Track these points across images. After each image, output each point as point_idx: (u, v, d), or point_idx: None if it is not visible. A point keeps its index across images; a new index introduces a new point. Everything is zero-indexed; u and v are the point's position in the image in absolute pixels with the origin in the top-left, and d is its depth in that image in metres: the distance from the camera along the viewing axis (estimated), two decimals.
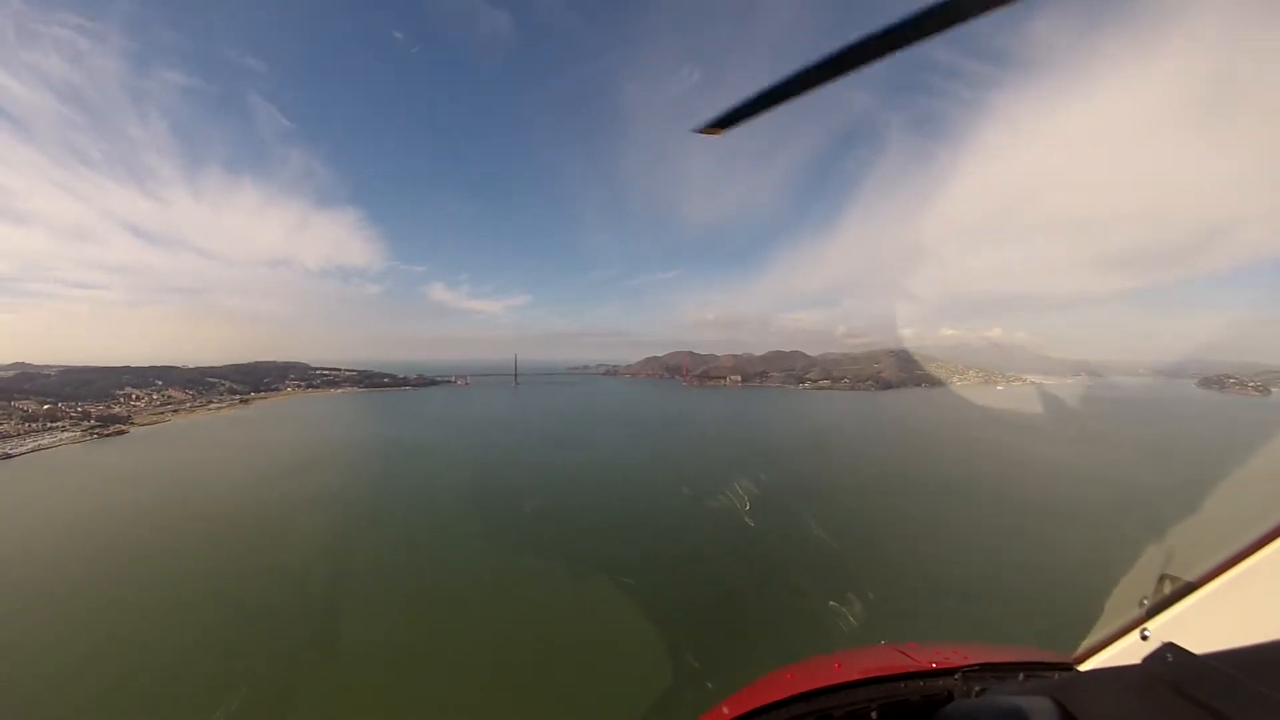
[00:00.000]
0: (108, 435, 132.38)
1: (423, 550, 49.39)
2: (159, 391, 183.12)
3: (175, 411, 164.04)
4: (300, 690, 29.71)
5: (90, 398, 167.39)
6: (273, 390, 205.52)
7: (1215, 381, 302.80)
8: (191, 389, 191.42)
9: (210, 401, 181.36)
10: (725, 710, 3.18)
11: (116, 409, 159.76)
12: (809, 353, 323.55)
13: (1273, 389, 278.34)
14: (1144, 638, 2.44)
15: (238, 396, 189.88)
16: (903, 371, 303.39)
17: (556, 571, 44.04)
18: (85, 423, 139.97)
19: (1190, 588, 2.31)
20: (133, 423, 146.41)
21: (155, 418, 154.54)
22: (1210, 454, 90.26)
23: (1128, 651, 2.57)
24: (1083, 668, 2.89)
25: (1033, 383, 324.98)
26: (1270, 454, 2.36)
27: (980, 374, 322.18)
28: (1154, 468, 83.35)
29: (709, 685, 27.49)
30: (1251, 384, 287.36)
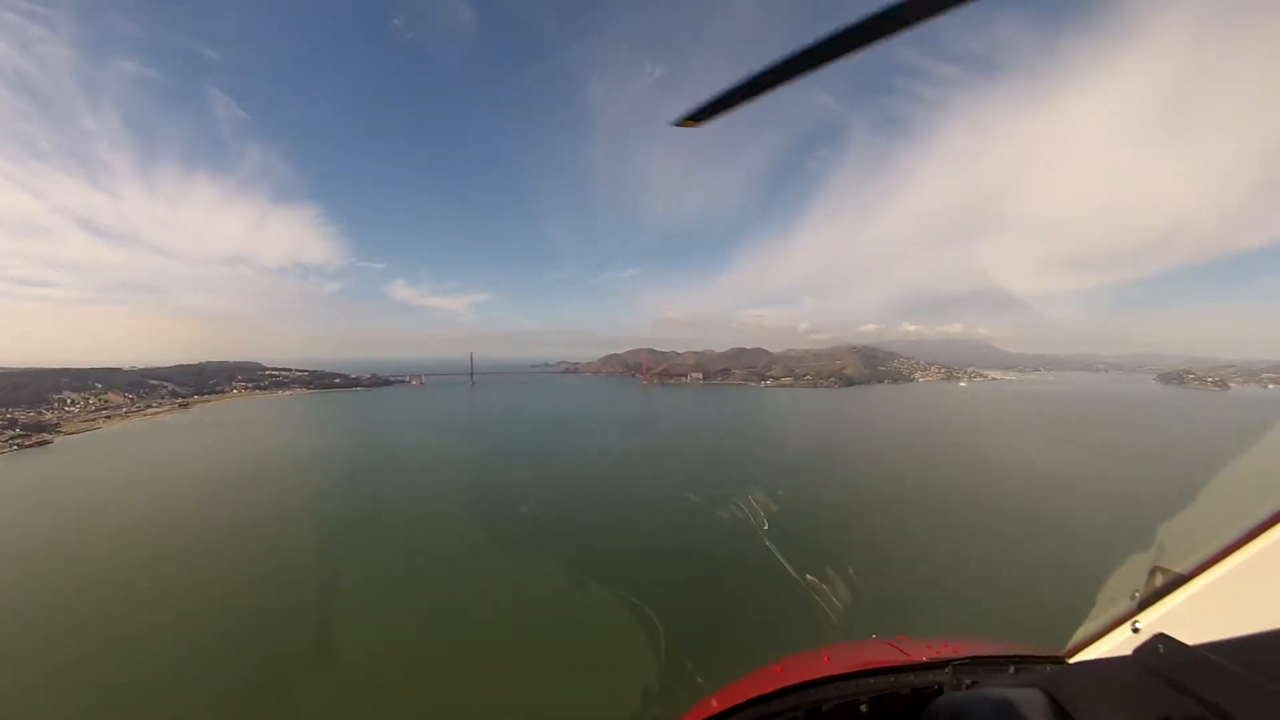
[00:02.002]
0: (29, 446, 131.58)
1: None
2: (97, 395, 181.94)
3: (108, 418, 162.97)
4: None
5: (24, 403, 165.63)
6: (217, 393, 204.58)
7: (1174, 376, 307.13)
8: (132, 392, 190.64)
9: (149, 406, 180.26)
10: (714, 703, 3.19)
11: (48, 416, 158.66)
12: (771, 349, 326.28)
13: (1231, 384, 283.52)
14: (1135, 630, 2.44)
15: (178, 400, 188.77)
16: (866, 368, 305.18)
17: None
18: (9, 431, 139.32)
19: (1182, 580, 2.30)
20: (60, 431, 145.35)
21: (85, 425, 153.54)
22: (1188, 454, 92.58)
23: (1119, 644, 2.56)
24: (1074, 661, 2.88)
25: (994, 378, 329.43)
26: (1261, 448, 2.35)
27: (942, 370, 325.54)
28: (1134, 470, 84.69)
29: (699, 680, 27.99)
30: (1210, 379, 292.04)
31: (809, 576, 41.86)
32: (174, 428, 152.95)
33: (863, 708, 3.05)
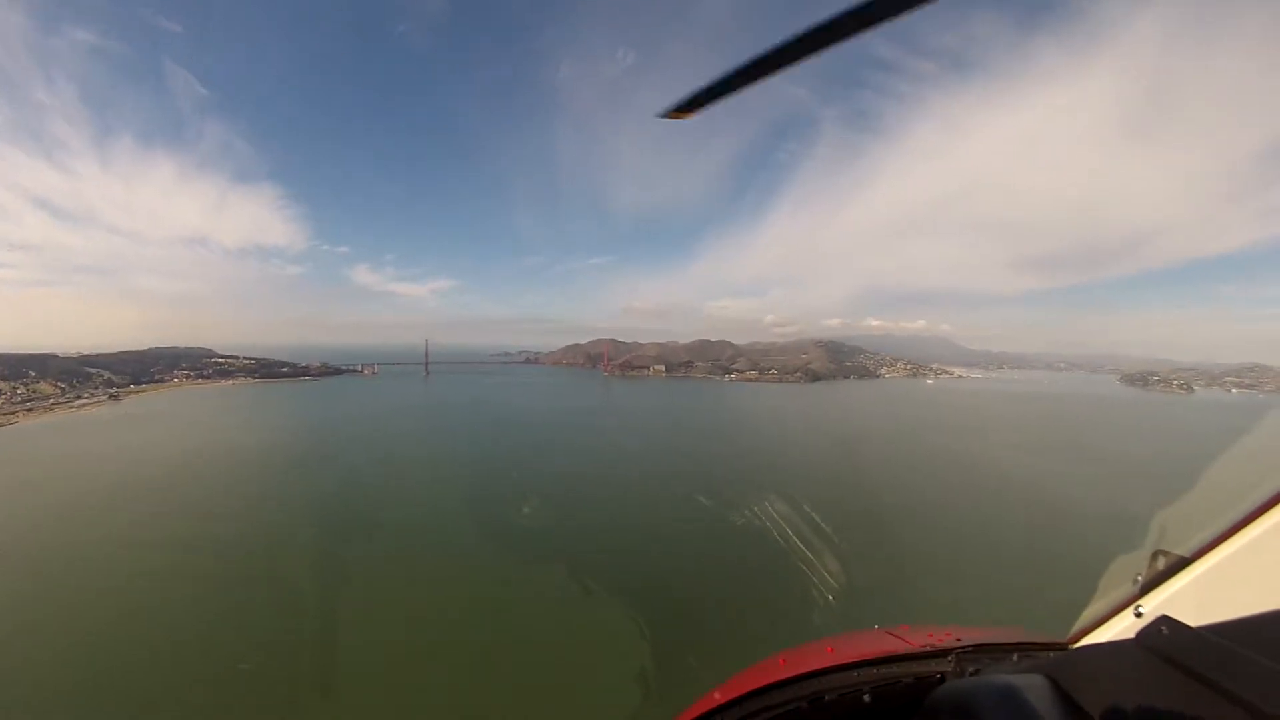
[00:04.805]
0: None
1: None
2: (27, 385, 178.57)
3: (30, 411, 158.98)
4: None
5: None
6: (157, 382, 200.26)
7: (1139, 379, 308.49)
8: (66, 381, 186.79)
9: (79, 397, 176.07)
10: (717, 695, 3.15)
11: None
12: (735, 342, 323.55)
13: (1195, 387, 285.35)
14: (1138, 614, 2.44)
15: (111, 391, 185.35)
16: (831, 363, 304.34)
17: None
18: None
19: (1184, 563, 2.30)
20: None
21: (3, 420, 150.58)
22: (1177, 455, 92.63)
23: (1123, 629, 2.56)
24: (1077, 646, 2.89)
25: (960, 375, 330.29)
26: (1258, 432, 2.36)
27: (908, 366, 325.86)
28: (1137, 475, 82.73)
29: (702, 675, 28.07)
30: (1175, 381, 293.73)
31: (806, 558, 42.02)
32: (95, 424, 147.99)
33: (865, 697, 3.01)
